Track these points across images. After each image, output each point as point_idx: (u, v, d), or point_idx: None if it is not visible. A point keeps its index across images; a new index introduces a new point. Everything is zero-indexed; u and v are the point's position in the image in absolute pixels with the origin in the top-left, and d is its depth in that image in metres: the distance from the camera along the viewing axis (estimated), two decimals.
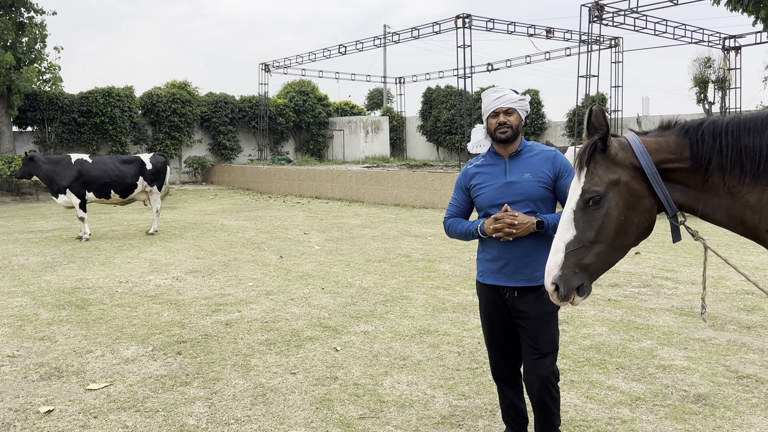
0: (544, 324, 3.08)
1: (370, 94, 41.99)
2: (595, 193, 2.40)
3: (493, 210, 3.12)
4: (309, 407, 4.02)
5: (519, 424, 3.32)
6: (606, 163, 2.42)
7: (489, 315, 3.24)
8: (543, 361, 3.07)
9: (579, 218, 2.45)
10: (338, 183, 20.22)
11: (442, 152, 29.30)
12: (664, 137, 2.43)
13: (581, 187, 2.46)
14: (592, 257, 2.41)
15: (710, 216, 2.38)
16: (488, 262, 3.19)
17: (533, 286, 3.09)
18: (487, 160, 3.22)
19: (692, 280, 7.40)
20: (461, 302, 6.55)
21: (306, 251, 10.03)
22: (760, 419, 3.68)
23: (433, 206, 16.77)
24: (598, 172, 2.44)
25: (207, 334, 5.61)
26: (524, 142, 3.18)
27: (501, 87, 3.20)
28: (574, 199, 2.47)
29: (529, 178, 3.07)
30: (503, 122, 3.08)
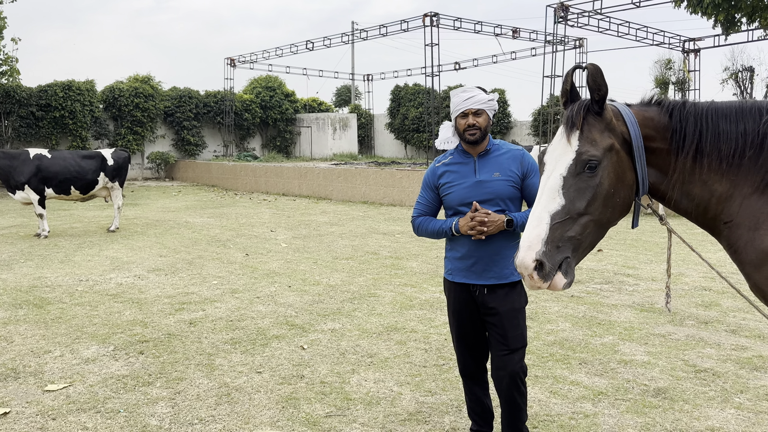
0: (513, 320, 3.10)
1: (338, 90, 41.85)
2: (593, 157, 2.21)
3: (463, 208, 3.13)
4: (275, 406, 3.98)
5: (485, 419, 3.35)
6: (601, 127, 2.26)
7: (458, 313, 3.25)
8: (512, 357, 3.10)
9: (570, 185, 2.21)
10: (306, 180, 20.10)
11: (410, 150, 29.38)
12: (648, 112, 2.35)
13: (574, 150, 2.23)
14: (579, 230, 2.21)
15: (677, 202, 2.36)
16: (457, 261, 3.19)
17: (503, 284, 3.11)
18: (456, 158, 3.23)
19: (652, 277, 7.57)
20: (428, 299, 6.58)
21: (272, 249, 9.94)
22: (717, 412, 3.79)
23: (401, 204, 16.80)
24: (594, 135, 2.24)
25: (170, 334, 5.51)
26: (492, 140, 3.20)
27: (470, 87, 3.18)
28: (564, 165, 2.24)
29: (499, 177, 3.09)
30: (472, 124, 3.09)
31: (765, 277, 2.19)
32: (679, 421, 3.66)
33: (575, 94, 2.33)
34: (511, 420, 3.18)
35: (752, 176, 2.23)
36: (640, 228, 11.59)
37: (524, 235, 2.23)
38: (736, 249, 2.29)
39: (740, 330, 5.39)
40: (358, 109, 32.03)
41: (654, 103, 2.38)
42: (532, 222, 2.23)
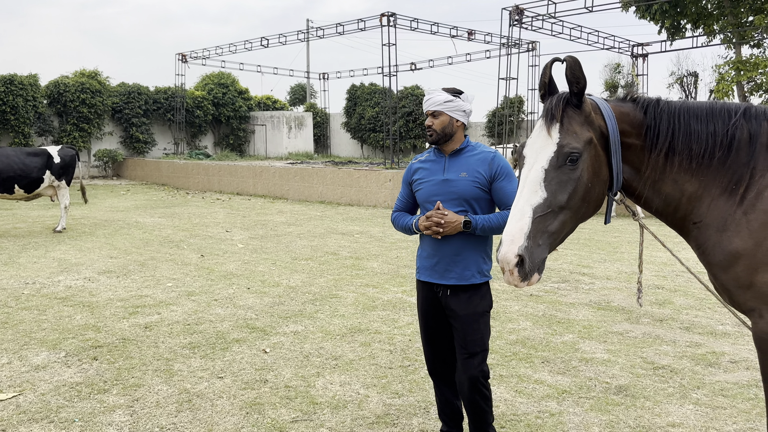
0: (473, 324, 3.08)
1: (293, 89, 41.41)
2: (574, 150, 2.21)
3: (429, 206, 3.13)
4: (238, 412, 3.88)
5: (454, 420, 3.34)
6: (581, 120, 2.26)
7: (425, 312, 3.24)
8: (471, 361, 3.07)
9: (551, 178, 2.21)
10: (261, 179, 19.82)
11: (366, 150, 29.34)
12: (624, 108, 2.36)
13: (555, 142, 2.23)
14: (558, 226, 2.22)
15: (649, 200, 2.39)
16: (424, 259, 3.19)
17: (464, 285, 3.09)
18: (431, 156, 3.23)
19: (607, 276, 7.75)
20: (391, 300, 6.56)
21: (229, 250, 9.74)
22: (676, 408, 3.88)
23: (359, 204, 16.75)
24: (574, 127, 2.24)
25: (125, 338, 5.32)
26: (468, 141, 3.17)
27: (435, 89, 3.20)
28: (545, 157, 2.23)
29: (465, 177, 3.08)
30: (429, 125, 3.12)
31: (732, 279, 2.24)
32: (642, 418, 3.74)
33: (553, 87, 2.34)
34: (476, 423, 3.16)
35: (721, 177, 2.28)
36: (593, 228, 11.87)
37: (507, 228, 2.20)
38: (704, 250, 2.33)
39: (693, 327, 5.56)
40: (314, 108, 31.79)
41: (629, 99, 2.41)
42: (514, 215, 2.21)
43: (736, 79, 17.95)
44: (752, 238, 2.18)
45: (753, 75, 17.66)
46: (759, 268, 2.16)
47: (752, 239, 2.17)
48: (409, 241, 10.46)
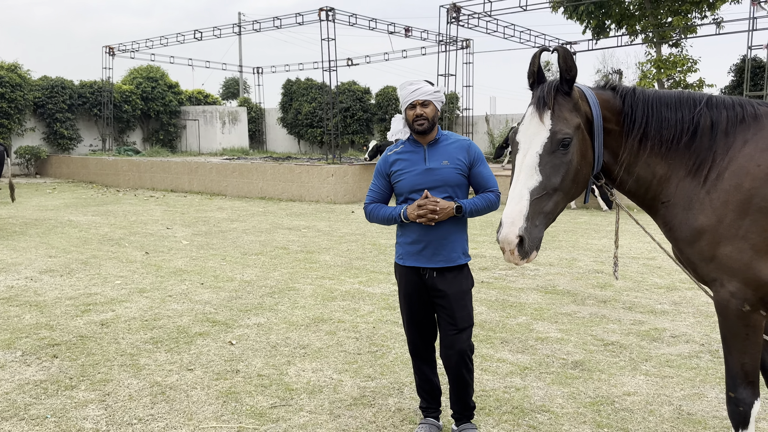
0: (460, 301, 3.27)
1: (225, 83, 40.56)
2: (567, 135, 2.37)
3: (414, 195, 3.26)
4: (215, 401, 3.91)
5: (433, 396, 3.50)
6: (570, 106, 2.42)
7: (409, 295, 3.38)
8: (461, 336, 3.26)
9: (546, 162, 2.36)
10: (197, 175, 19.40)
11: (303, 145, 29.17)
12: (605, 95, 2.55)
13: (548, 128, 2.38)
14: (552, 206, 2.39)
15: (624, 182, 2.61)
16: (408, 245, 3.31)
17: (451, 267, 3.27)
18: (407, 147, 3.35)
19: (550, 263, 8.14)
20: (349, 290, 6.67)
21: (173, 246, 9.57)
22: (629, 379, 4.20)
23: (301, 199, 16.71)
24: (564, 114, 2.40)
25: (82, 336, 5.20)
26: (440, 131, 3.35)
27: (417, 80, 3.32)
28: (539, 143, 2.38)
29: (447, 165, 3.24)
30: (420, 114, 3.22)
31: (697, 252, 2.50)
32: (600, 389, 4.03)
33: (542, 75, 2.52)
34: (460, 395, 3.36)
35: (686, 160, 2.54)
36: None
37: (506, 210, 2.36)
38: (671, 227, 2.59)
39: (635, 307, 5.97)
40: (248, 103, 31.30)
41: (609, 87, 2.63)
42: (513, 198, 2.37)
43: (657, 76, 19.05)
44: (715, 215, 2.44)
45: (672, 73, 18.80)
46: (720, 242, 2.42)
47: (715, 216, 2.43)
48: (359, 235, 10.59)
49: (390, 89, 25.97)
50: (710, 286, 2.54)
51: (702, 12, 18.45)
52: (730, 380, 2.56)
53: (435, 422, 3.46)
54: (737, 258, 2.41)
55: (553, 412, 3.71)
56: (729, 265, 2.43)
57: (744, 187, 2.41)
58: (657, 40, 19.34)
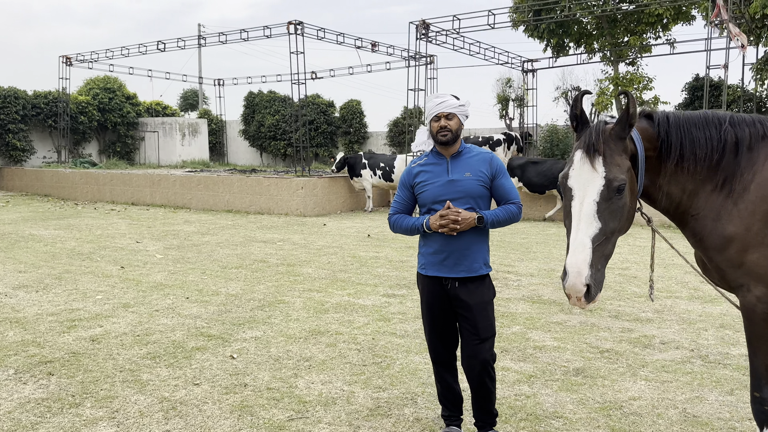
0: (483, 311, 3.35)
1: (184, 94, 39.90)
2: (622, 182, 2.43)
3: (436, 206, 3.33)
4: (230, 415, 3.87)
5: (455, 404, 3.56)
6: (620, 150, 2.49)
7: (431, 305, 3.44)
8: (483, 346, 3.34)
9: (603, 209, 2.42)
10: (159, 188, 19.03)
11: (266, 158, 28.94)
12: (642, 126, 2.67)
13: (602, 176, 2.42)
14: (611, 248, 2.47)
15: (658, 200, 2.75)
16: (430, 255, 3.38)
17: (472, 277, 3.34)
18: (430, 159, 3.43)
19: (530, 273, 8.33)
20: (340, 303, 6.67)
21: (148, 260, 9.37)
22: (631, 384, 4.35)
23: (270, 212, 16.57)
24: (616, 159, 2.45)
25: (74, 352, 5.06)
26: (463, 144, 3.44)
27: (443, 93, 3.42)
28: (595, 190, 2.42)
29: (470, 177, 3.33)
30: (444, 126, 3.32)
31: (726, 260, 2.66)
32: (606, 395, 4.16)
33: (584, 118, 2.62)
34: (482, 403, 3.43)
35: (714, 176, 2.70)
36: (501, 231, 12.61)
37: (570, 260, 2.40)
38: (701, 237, 2.74)
39: (620, 315, 6.17)
40: (209, 115, 30.90)
41: (644, 116, 2.76)
42: (576, 248, 2.41)
43: (615, 93, 19.75)
44: (743, 224, 2.59)
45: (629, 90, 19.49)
46: (748, 250, 2.58)
47: (743, 225, 2.59)
48: (336, 248, 10.59)
49: (354, 102, 26.10)
50: (737, 291, 2.69)
51: (656, 32, 19.27)
52: (755, 381, 2.71)
53: (457, 430, 3.51)
54: (764, 264, 2.57)
55: (567, 417, 3.81)
56: (756, 271, 2.59)
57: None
58: (614, 59, 20.08)
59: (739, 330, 5.64)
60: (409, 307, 6.47)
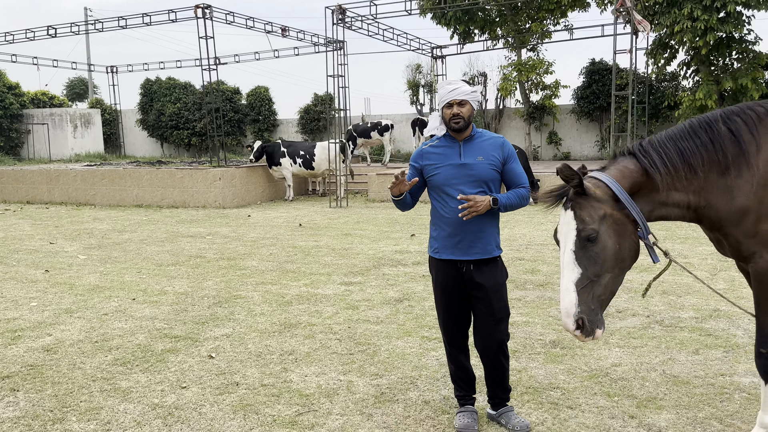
0: (497, 293, 3.44)
1: (70, 83, 37.06)
2: (591, 231, 2.77)
3: (448, 189, 3.38)
4: (234, 415, 3.74)
5: (468, 383, 3.64)
6: (588, 203, 2.81)
7: (445, 288, 3.49)
8: (499, 327, 3.44)
9: (581, 257, 2.77)
10: (58, 184, 17.72)
11: (168, 148, 27.61)
12: (622, 166, 2.94)
13: (574, 228, 2.80)
14: (601, 288, 2.79)
15: (669, 215, 2.97)
16: (444, 239, 3.43)
17: (486, 259, 3.43)
18: (442, 142, 3.48)
19: None
20: (300, 294, 6.58)
21: (72, 262, 8.76)
22: (607, 352, 4.64)
23: (185, 205, 15.91)
24: (584, 213, 2.80)
25: (31, 365, 4.67)
26: (475, 129, 3.49)
27: (455, 80, 3.45)
28: (571, 241, 2.80)
29: (482, 161, 3.39)
30: (456, 113, 3.36)
31: (742, 231, 2.90)
32: (590, 364, 4.42)
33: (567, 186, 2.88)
34: (498, 380, 3.54)
35: (717, 166, 2.93)
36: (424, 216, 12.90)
37: (561, 304, 2.78)
38: (718, 218, 2.95)
39: None
40: (102, 104, 29.02)
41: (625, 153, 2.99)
42: (563, 293, 2.79)
43: (518, 78, 20.61)
44: (756, 197, 2.85)
45: (531, 75, 20.44)
46: (761, 220, 2.85)
47: (756, 198, 2.85)
48: (272, 239, 10.38)
49: (262, 89, 25.47)
50: (749, 259, 2.95)
51: (555, 19, 20.26)
52: (761, 338, 2.99)
53: (473, 408, 3.60)
54: None
55: (563, 388, 4.02)
56: None
57: None
58: (517, 45, 20.92)
59: (682, 295, 6.16)
60: (372, 294, 6.50)
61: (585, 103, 20.27)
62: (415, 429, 3.53)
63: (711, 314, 5.49)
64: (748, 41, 16.07)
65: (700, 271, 7.14)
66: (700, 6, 14.76)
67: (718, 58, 16.58)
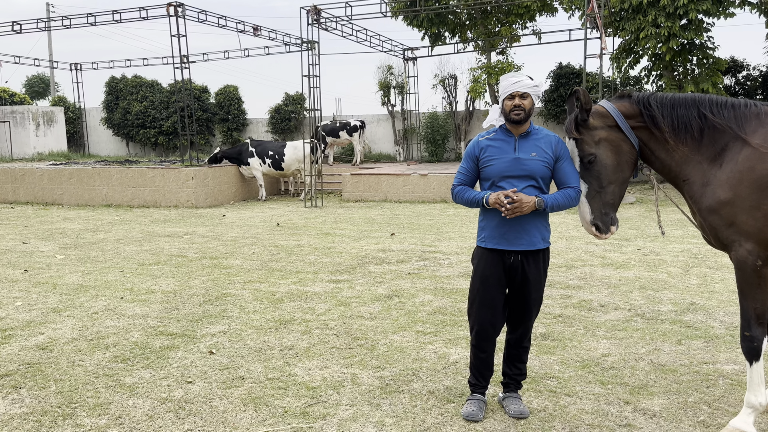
0: (537, 284, 3.57)
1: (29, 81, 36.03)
2: (589, 155, 3.35)
3: (502, 182, 3.48)
4: (245, 408, 3.82)
5: (485, 377, 3.72)
6: (587, 129, 3.36)
7: (486, 277, 3.56)
8: (530, 315, 3.63)
9: (586, 176, 3.38)
10: (23, 184, 17.30)
11: (133, 147, 27.14)
12: (623, 103, 3.41)
13: (577, 154, 3.39)
14: (609, 196, 3.33)
15: (652, 163, 3.43)
16: (493, 228, 3.52)
17: (532, 250, 3.52)
18: (499, 135, 3.56)
19: (454, 251, 8.79)
20: (290, 291, 6.66)
21: (50, 262, 8.63)
22: (596, 344, 4.86)
23: (156, 205, 15.72)
24: (584, 138, 3.36)
25: (29, 363, 4.65)
26: (532, 125, 3.57)
27: (518, 73, 3.52)
28: (576, 163, 3.42)
29: (535, 158, 3.46)
30: (518, 105, 3.42)
31: (718, 219, 3.19)
32: (581, 354, 4.63)
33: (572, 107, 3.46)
34: (517, 363, 3.73)
35: (702, 149, 3.25)
36: (408, 215, 13.07)
37: (579, 214, 3.39)
38: (695, 200, 3.31)
39: (552, 284, 6.76)
40: (65, 102, 28.35)
41: (626, 96, 3.43)
42: (580, 205, 3.45)
43: (488, 81, 20.96)
44: (732, 191, 3.12)
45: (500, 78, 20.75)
46: (738, 212, 3.11)
47: (732, 192, 3.12)
48: (251, 238, 10.39)
49: (231, 88, 25.26)
50: (730, 247, 3.20)
51: (524, 23, 20.68)
52: (745, 322, 3.23)
53: (482, 398, 3.71)
54: (752, 224, 3.09)
55: (558, 377, 4.22)
56: (746, 230, 3.11)
57: (756, 169, 3.09)
58: (486, 48, 21.27)
59: (659, 290, 6.46)
60: (361, 291, 6.62)
61: (552, 106, 20.75)
62: (423, 417, 3.67)
63: (688, 308, 5.79)
64: (708, 47, 16.72)
65: (673, 267, 7.48)
66: (663, 13, 15.31)
67: (680, 63, 17.20)
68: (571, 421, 3.59)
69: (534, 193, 3.48)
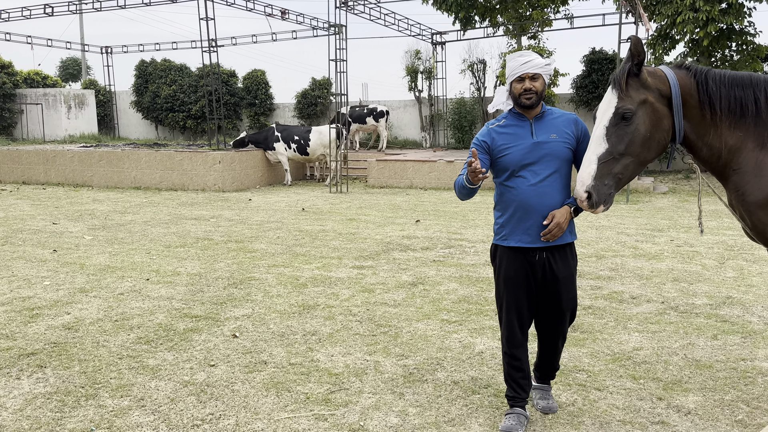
0: (568, 283, 3.25)
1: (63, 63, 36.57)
2: (627, 110, 2.87)
3: (522, 170, 3.15)
4: (267, 393, 3.78)
5: (522, 387, 3.33)
6: (637, 85, 2.90)
7: (510, 279, 3.23)
8: (564, 318, 3.31)
9: (611, 134, 2.88)
10: (54, 165, 17.56)
11: (162, 131, 27.39)
12: (681, 74, 2.98)
13: (615, 105, 2.90)
14: (620, 168, 2.89)
15: (699, 149, 3.02)
16: (515, 223, 3.18)
17: (558, 245, 3.19)
18: (510, 120, 3.23)
19: (480, 239, 8.65)
20: (313, 276, 6.61)
21: (79, 243, 8.72)
22: (627, 336, 4.71)
23: (184, 188, 15.83)
24: (630, 92, 2.89)
25: (54, 342, 4.68)
26: (545, 106, 3.25)
27: (527, 51, 3.18)
28: (607, 117, 2.89)
29: (556, 139, 3.15)
30: (529, 88, 3.10)
31: (766, 215, 2.94)
32: (611, 347, 4.49)
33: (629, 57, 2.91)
34: (548, 360, 3.49)
35: (757, 134, 2.96)
36: (433, 202, 12.94)
37: (579, 173, 2.86)
38: (743, 192, 2.99)
39: (582, 275, 6.59)
40: (96, 85, 28.70)
41: (684, 67, 3.02)
42: (585, 162, 2.88)
43: None
44: None
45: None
46: None
47: None
48: (277, 222, 10.38)
49: (258, 72, 25.26)
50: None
51: (556, 7, 20.23)
52: None
53: (523, 412, 3.34)
54: None
55: (588, 370, 4.09)
56: None
57: None
58: (517, 32, 20.87)
59: (693, 283, 6.24)
60: (385, 278, 6.54)
61: (584, 92, 20.31)
62: (447, 408, 3.58)
63: (724, 301, 5.59)
64: (749, 33, 16.15)
65: (708, 260, 7.24)
66: None
67: (718, 49, 16.65)
68: (601, 416, 3.47)
69: (560, 183, 3.17)
